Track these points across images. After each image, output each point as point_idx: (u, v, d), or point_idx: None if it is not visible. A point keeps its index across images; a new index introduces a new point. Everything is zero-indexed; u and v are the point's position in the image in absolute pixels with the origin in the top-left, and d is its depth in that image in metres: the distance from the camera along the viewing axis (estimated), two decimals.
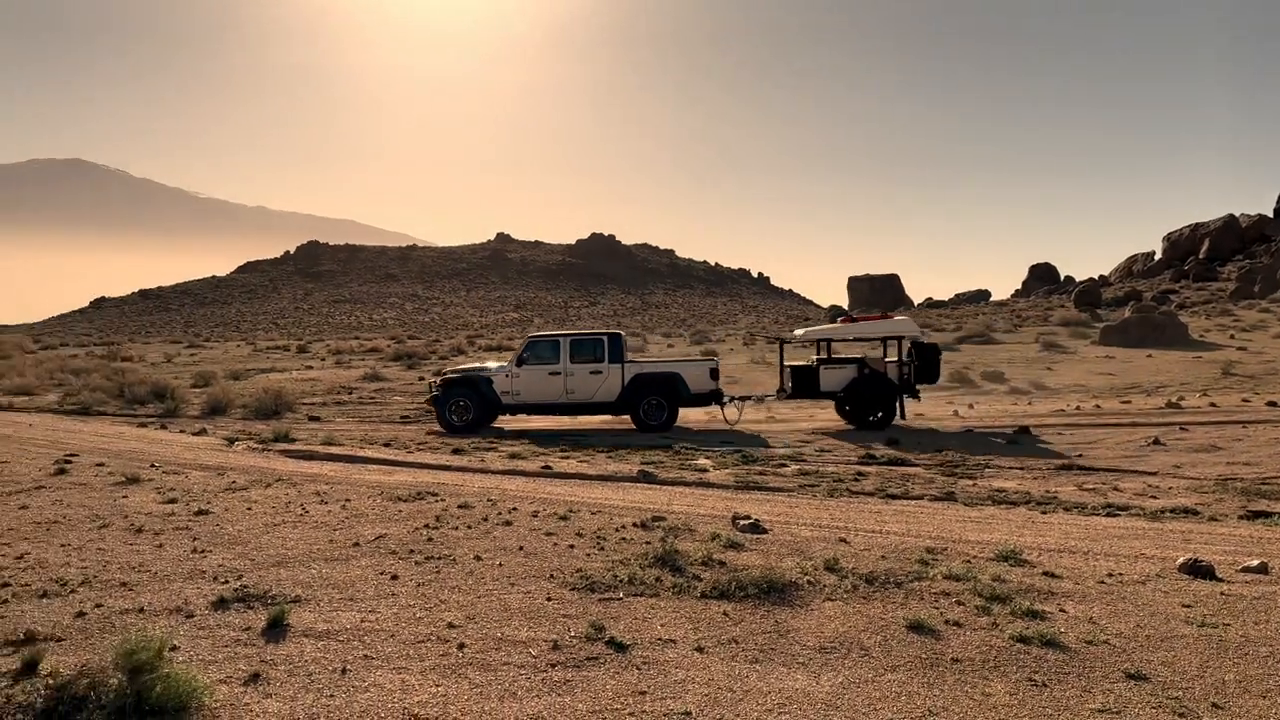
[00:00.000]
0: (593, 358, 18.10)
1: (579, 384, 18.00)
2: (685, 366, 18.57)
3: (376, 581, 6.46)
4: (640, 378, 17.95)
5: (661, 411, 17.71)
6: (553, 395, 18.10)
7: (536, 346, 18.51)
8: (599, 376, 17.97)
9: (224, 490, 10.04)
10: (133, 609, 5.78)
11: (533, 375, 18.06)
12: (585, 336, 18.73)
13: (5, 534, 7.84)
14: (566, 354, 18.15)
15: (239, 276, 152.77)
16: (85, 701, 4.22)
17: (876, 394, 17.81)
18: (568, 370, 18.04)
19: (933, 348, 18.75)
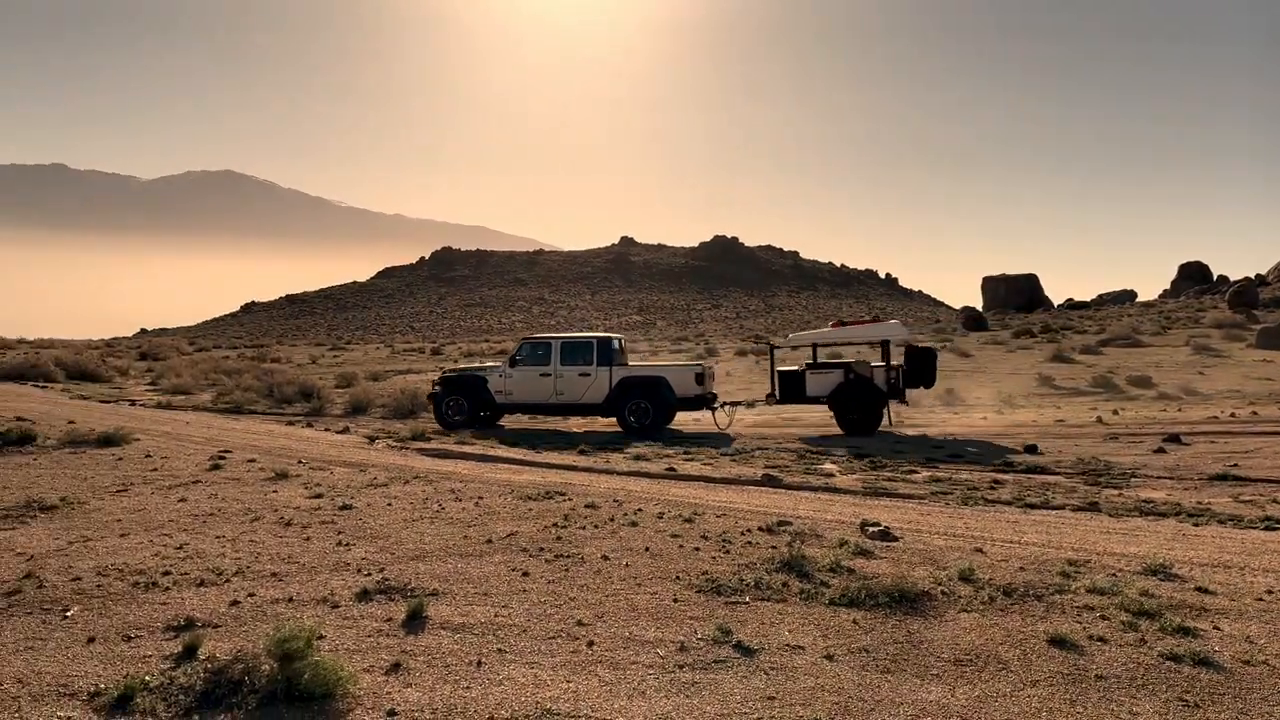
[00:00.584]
0: (582, 360, 18.43)
1: (568, 385, 18.38)
2: (671, 371, 18.65)
3: (509, 578, 6.62)
4: (627, 381, 18.16)
5: (646, 415, 17.83)
6: (543, 396, 18.56)
7: (529, 348, 18.99)
8: (587, 379, 18.29)
9: (366, 486, 10.48)
10: (282, 599, 6.10)
11: (525, 376, 18.54)
12: (576, 340, 18.95)
13: (166, 525, 8.38)
14: (557, 356, 18.55)
15: (377, 282, 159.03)
16: (240, 686, 4.48)
17: (861, 399, 17.53)
18: (558, 372, 18.44)
19: (927, 352, 18.49)
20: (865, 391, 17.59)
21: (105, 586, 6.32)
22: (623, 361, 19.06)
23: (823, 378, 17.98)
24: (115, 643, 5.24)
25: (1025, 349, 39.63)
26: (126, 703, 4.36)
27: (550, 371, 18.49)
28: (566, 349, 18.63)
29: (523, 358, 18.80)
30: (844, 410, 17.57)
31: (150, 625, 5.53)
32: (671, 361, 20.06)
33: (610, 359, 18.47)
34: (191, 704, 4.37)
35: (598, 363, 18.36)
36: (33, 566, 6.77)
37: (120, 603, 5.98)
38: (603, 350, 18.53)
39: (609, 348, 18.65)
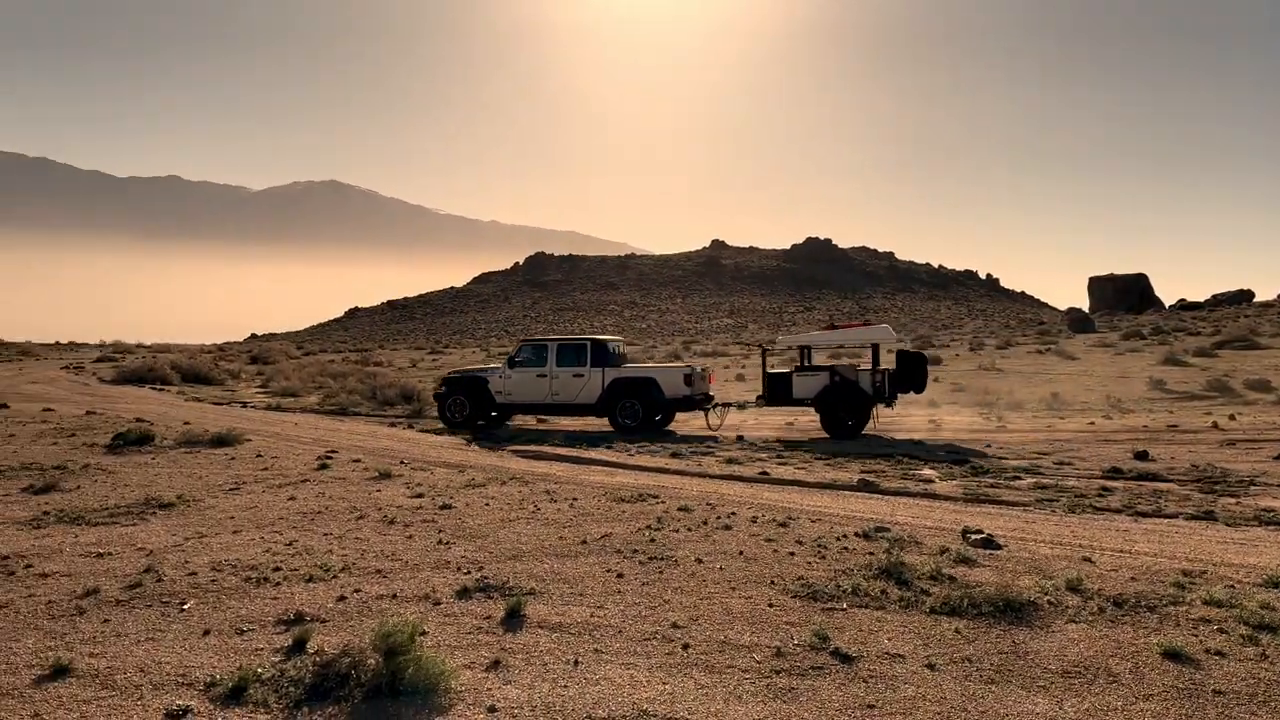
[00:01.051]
0: (576, 362, 18.93)
1: (562, 386, 18.91)
2: (660, 372, 19.08)
3: (604, 579, 6.67)
4: (618, 382, 18.61)
5: (636, 415, 18.28)
6: (539, 396, 19.12)
7: (527, 350, 19.55)
8: (581, 380, 18.80)
9: (464, 486, 10.70)
10: (386, 595, 6.27)
11: (523, 377, 19.13)
12: (570, 341, 19.40)
13: (276, 523, 8.70)
14: (553, 358, 19.08)
15: (474, 287, 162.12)
16: (347, 679, 4.61)
17: (846, 402, 17.45)
18: (553, 373, 18.98)
19: (917, 356, 18.37)
20: (850, 394, 17.52)
21: (219, 581, 6.59)
22: (619, 363, 19.54)
23: (809, 380, 17.98)
24: (229, 635, 5.46)
25: (1135, 351, 38.08)
26: (240, 693, 4.53)
27: (546, 372, 19.04)
28: (561, 351, 19.17)
29: (521, 359, 19.35)
30: (829, 413, 17.53)
31: (262, 619, 5.74)
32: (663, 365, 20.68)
33: (604, 360, 18.93)
34: (301, 696, 4.52)
35: (590, 364, 18.85)
36: (152, 561, 7.10)
37: (233, 597, 6.23)
38: (596, 352, 18.99)
39: (602, 350, 19.12)
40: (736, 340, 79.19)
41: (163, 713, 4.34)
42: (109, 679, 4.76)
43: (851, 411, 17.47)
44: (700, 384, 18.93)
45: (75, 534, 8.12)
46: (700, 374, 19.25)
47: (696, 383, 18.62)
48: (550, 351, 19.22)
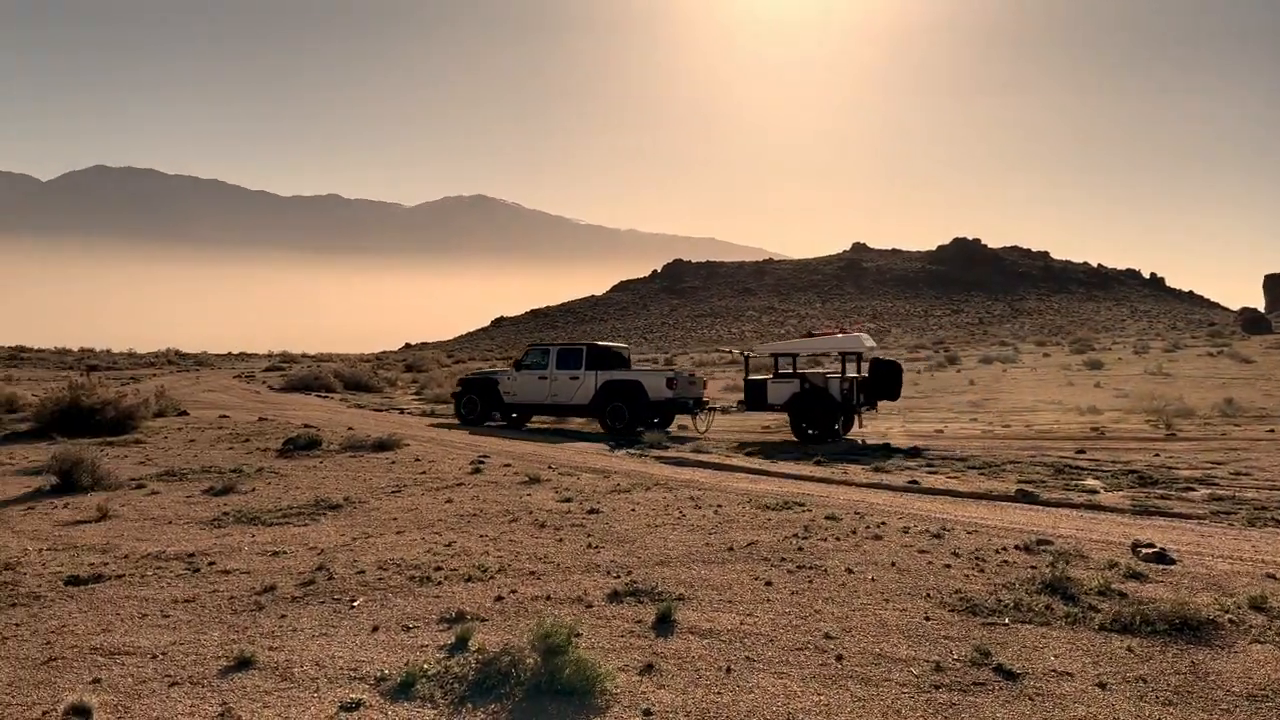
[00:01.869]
0: (573, 365, 20.24)
1: (561, 388, 20.27)
2: (646, 376, 20.05)
3: (752, 586, 6.65)
4: (610, 384, 19.78)
5: (622, 415, 19.37)
6: (540, 396, 20.52)
7: (533, 354, 21.06)
8: (577, 382, 20.11)
9: (610, 492, 10.86)
10: (541, 596, 6.43)
11: (528, 379, 20.60)
12: (569, 347, 20.76)
13: (435, 524, 9.05)
14: (554, 361, 20.45)
15: (613, 295, 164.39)
16: (508, 677, 4.76)
17: (814, 408, 17.89)
18: (553, 375, 20.35)
19: (891, 364, 18.63)
20: (819, 400, 17.90)
21: (385, 580, 6.91)
22: (625, 367, 20.87)
23: (781, 387, 18.41)
24: (396, 632, 5.72)
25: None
26: (408, 688, 4.74)
27: (548, 375, 20.41)
28: (561, 355, 20.51)
29: (527, 362, 20.82)
30: (797, 417, 18.05)
31: (426, 616, 5.99)
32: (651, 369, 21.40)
33: (600, 364, 20.19)
34: (465, 692, 4.69)
35: (586, 367, 20.14)
36: (323, 560, 7.51)
37: (399, 595, 6.53)
38: (591, 356, 20.28)
39: (598, 354, 20.38)
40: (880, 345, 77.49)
41: (337, 705, 4.59)
42: (288, 671, 5.07)
43: (818, 417, 17.89)
44: (686, 388, 19.82)
45: (252, 534, 8.67)
46: (688, 379, 20.16)
47: (681, 387, 19.58)
48: (552, 356, 20.60)
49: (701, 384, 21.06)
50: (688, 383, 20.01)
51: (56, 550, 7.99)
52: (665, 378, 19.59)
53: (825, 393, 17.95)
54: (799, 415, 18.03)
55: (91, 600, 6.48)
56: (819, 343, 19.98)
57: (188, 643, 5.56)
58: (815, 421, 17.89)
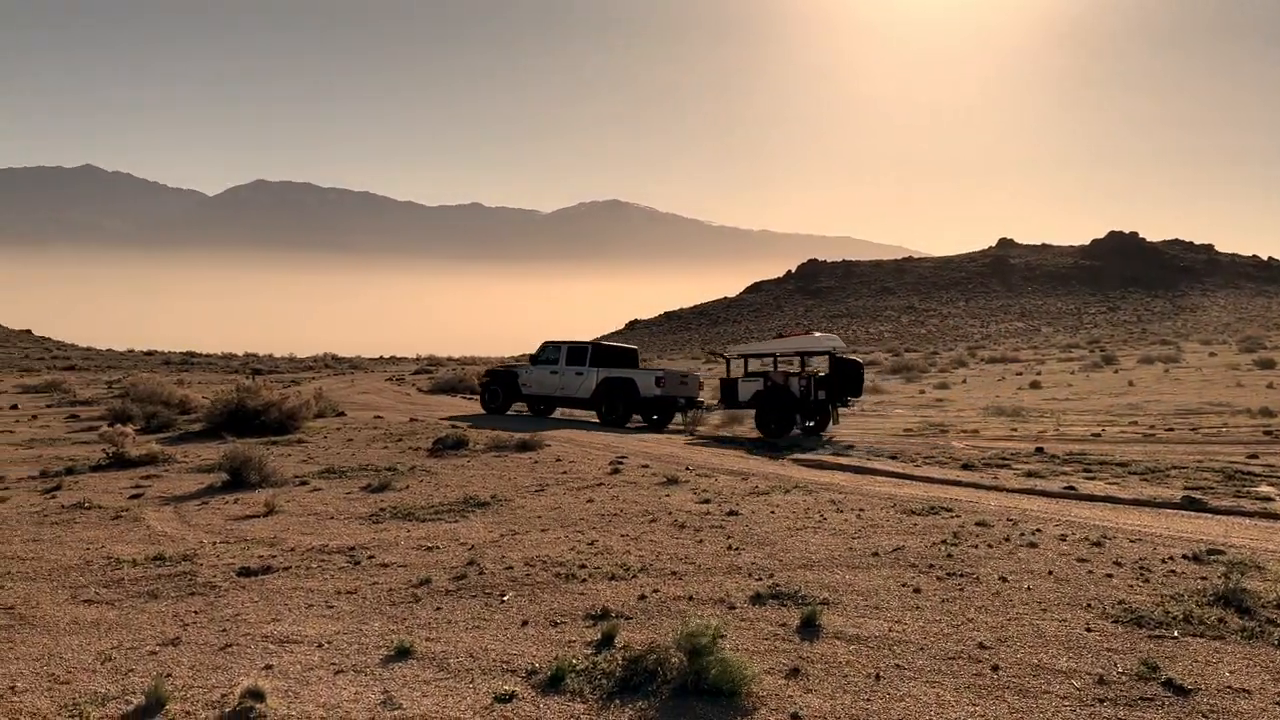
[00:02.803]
0: (579, 362, 22.07)
1: (567, 382, 22.16)
2: (638, 374, 21.51)
3: (899, 593, 6.49)
4: (607, 380, 21.56)
5: (615, 408, 21.13)
6: (551, 389, 22.50)
7: (547, 351, 22.80)
8: (581, 377, 21.95)
9: (748, 494, 10.81)
10: (683, 596, 6.47)
11: (541, 373, 22.62)
12: (576, 345, 22.41)
13: (578, 523, 9.22)
14: (564, 358, 22.29)
15: (746, 297, 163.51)
16: (654, 675, 4.81)
17: (774, 406, 18.95)
18: (562, 371, 22.25)
19: (852, 364, 19.50)
20: (780, 398, 19.03)
21: (533, 576, 7.09)
22: (634, 366, 22.67)
23: (748, 385, 19.74)
24: (544, 627, 5.86)
25: None
26: (558, 683, 4.85)
27: (558, 370, 22.33)
28: (570, 353, 22.34)
29: (542, 358, 22.75)
30: (761, 413, 19.11)
31: (572, 613, 6.11)
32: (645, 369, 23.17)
33: (602, 362, 22.05)
34: (613, 689, 4.77)
35: (590, 365, 21.98)
36: (473, 555, 7.77)
37: (546, 591, 6.68)
38: (595, 355, 22.14)
39: (602, 352, 22.27)
40: (1029, 345, 74.30)
41: (492, 696, 4.74)
42: (444, 662, 5.26)
43: (779, 413, 18.99)
44: (675, 387, 21.40)
45: (407, 529, 9.04)
46: (679, 379, 21.76)
47: (670, 386, 21.21)
48: (562, 353, 22.42)
49: (696, 384, 22.43)
50: (678, 382, 21.64)
51: (229, 543, 8.53)
52: (654, 377, 21.20)
53: (786, 390, 19.23)
54: (762, 411, 19.16)
55: (262, 590, 6.90)
56: (786, 343, 20.93)
57: (351, 632, 5.84)
58: (776, 417, 18.97)
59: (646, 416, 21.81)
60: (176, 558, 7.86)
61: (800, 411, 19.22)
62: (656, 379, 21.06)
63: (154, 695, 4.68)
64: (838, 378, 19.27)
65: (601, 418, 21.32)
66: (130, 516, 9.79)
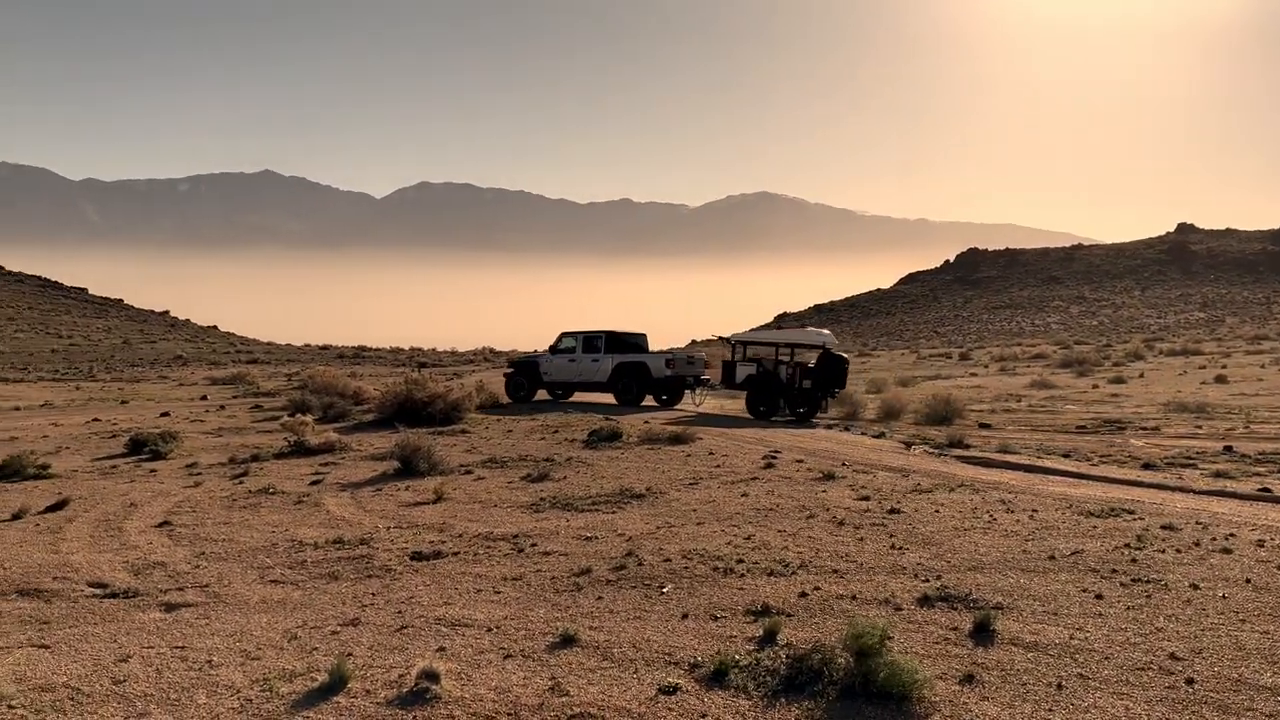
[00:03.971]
0: (595, 350, 23.52)
1: (585, 368, 23.61)
2: (649, 357, 23.17)
3: (1079, 598, 6.15)
4: (621, 364, 23.07)
5: (630, 389, 22.76)
6: (570, 376, 23.92)
7: (565, 340, 24.15)
8: (597, 364, 23.41)
9: (910, 491, 10.48)
10: (845, 595, 6.32)
11: (561, 361, 24.00)
12: (591, 334, 23.76)
13: (734, 517, 9.17)
14: (580, 346, 23.74)
15: (901, 288, 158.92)
16: (820, 675, 4.72)
17: (762, 390, 20.81)
18: (579, 358, 23.68)
19: (838, 359, 20.91)
20: (768, 382, 20.88)
21: (690, 569, 7.09)
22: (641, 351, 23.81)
23: (744, 369, 21.33)
24: (704, 620, 5.85)
25: None
26: (722, 677, 4.82)
27: (575, 358, 23.76)
28: (586, 341, 23.75)
29: (560, 348, 24.16)
30: (752, 395, 20.92)
31: (732, 607, 6.08)
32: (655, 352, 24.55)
33: (616, 349, 23.41)
34: (778, 687, 4.70)
35: (605, 351, 23.44)
36: (631, 546, 7.84)
37: (704, 584, 6.67)
38: (609, 341, 23.52)
39: (615, 340, 23.55)
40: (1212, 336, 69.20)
41: (656, 687, 4.76)
42: (608, 651, 5.33)
43: (766, 396, 20.79)
44: (684, 368, 23.05)
45: (567, 519, 9.22)
46: (686, 360, 23.37)
47: (679, 366, 22.85)
48: (579, 341, 23.84)
49: (702, 364, 24.01)
50: (686, 363, 23.30)
51: (401, 528, 8.93)
52: (665, 359, 22.91)
53: (775, 376, 21.07)
54: (753, 393, 20.97)
55: (433, 574, 7.18)
56: (782, 335, 23.19)
57: (517, 618, 6.00)
58: (764, 400, 20.80)
59: (657, 396, 23.52)
60: (354, 541, 8.29)
61: (785, 397, 20.92)
62: (666, 361, 22.78)
63: (337, 673, 4.93)
64: (824, 371, 20.84)
65: (618, 398, 22.99)
66: (311, 501, 10.39)
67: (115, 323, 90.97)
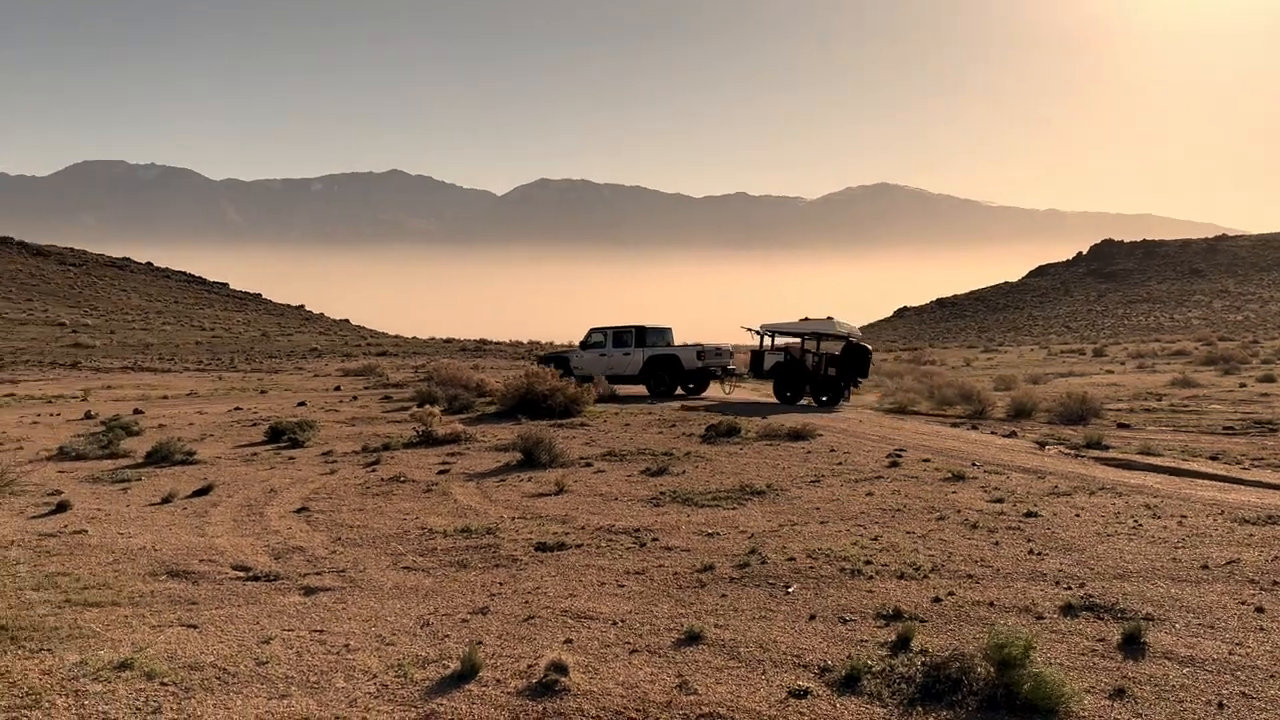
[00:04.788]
0: (627, 344, 24.87)
1: (616, 362, 24.92)
2: (681, 350, 24.53)
3: (1238, 611, 5.76)
4: (653, 358, 24.39)
5: (663, 381, 24.10)
6: (601, 369, 24.83)
7: (594, 336, 25.51)
8: (629, 357, 24.77)
9: (1047, 494, 10.03)
10: (982, 601, 6.08)
11: (592, 355, 25.33)
12: (622, 329, 25.07)
13: (859, 516, 8.96)
14: (610, 341, 25.13)
15: (1030, 281, 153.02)
16: (959, 685, 4.53)
17: (789, 377, 22.23)
18: (610, 352, 25.06)
19: (862, 349, 22.39)
20: (795, 369, 22.32)
21: (815, 569, 6.95)
22: (664, 345, 25.07)
23: (772, 358, 22.86)
24: (832, 622, 5.71)
25: None
26: (854, 683, 4.69)
27: (606, 352, 25.13)
28: (616, 336, 25.11)
29: (590, 342, 25.53)
30: (779, 382, 22.51)
31: (861, 610, 5.92)
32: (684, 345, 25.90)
33: (645, 342, 24.69)
34: (914, 695, 4.54)
35: (635, 345, 24.77)
36: (754, 544, 7.74)
37: (830, 585, 6.52)
38: (639, 336, 24.81)
39: (644, 334, 24.78)
40: None
41: (786, 690, 4.66)
42: (734, 650, 5.25)
43: (792, 383, 22.36)
44: (714, 359, 24.42)
45: (687, 514, 9.18)
46: (715, 351, 24.63)
47: (709, 358, 24.25)
48: (609, 337, 25.20)
49: (729, 355, 25.29)
50: (714, 354, 24.56)
51: (525, 519, 9.05)
52: (695, 351, 24.23)
53: (801, 364, 22.43)
54: (780, 380, 22.48)
55: (558, 566, 7.24)
56: (807, 325, 23.17)
57: (641, 613, 5.99)
58: (790, 386, 22.34)
59: (684, 386, 24.67)
60: (481, 530, 8.44)
61: (810, 384, 22.32)
62: (698, 353, 24.15)
63: (468, 662, 5.01)
64: (848, 360, 22.20)
65: (650, 390, 24.29)
66: (439, 490, 10.66)
67: (254, 316, 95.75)
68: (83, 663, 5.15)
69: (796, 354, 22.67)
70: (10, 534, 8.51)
